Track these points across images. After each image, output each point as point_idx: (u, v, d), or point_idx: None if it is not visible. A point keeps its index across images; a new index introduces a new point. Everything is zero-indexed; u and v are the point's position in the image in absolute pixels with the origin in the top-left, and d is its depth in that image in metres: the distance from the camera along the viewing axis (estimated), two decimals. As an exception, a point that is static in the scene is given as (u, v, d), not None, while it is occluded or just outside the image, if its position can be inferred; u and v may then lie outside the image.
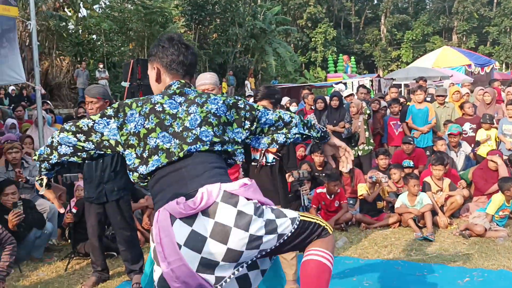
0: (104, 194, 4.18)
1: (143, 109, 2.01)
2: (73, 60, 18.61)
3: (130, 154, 2.02)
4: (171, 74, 2.15)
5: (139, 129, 1.99)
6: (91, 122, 2.02)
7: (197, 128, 2.00)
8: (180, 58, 2.14)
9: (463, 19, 40.16)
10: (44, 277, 4.66)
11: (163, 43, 2.15)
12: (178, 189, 1.92)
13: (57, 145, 2.06)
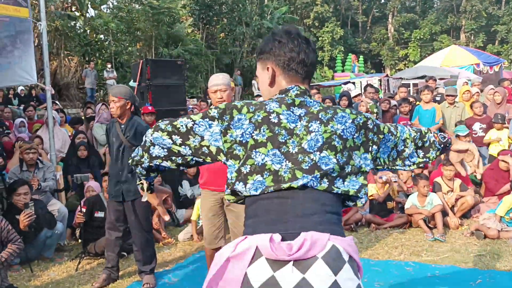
0: (121, 193, 4.24)
1: (255, 116, 1.65)
2: (81, 60, 18.70)
3: (233, 166, 1.66)
4: (288, 76, 1.75)
5: (247, 139, 1.63)
6: (191, 123, 1.68)
7: (317, 153, 1.62)
8: (301, 56, 1.73)
9: (471, 17, 39.88)
10: (55, 277, 4.69)
11: (280, 38, 1.75)
12: (275, 223, 1.58)
13: (150, 146, 1.73)
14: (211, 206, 3.79)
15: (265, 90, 1.82)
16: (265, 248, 1.52)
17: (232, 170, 1.67)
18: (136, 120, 4.25)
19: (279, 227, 1.57)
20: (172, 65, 7.25)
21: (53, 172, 6.00)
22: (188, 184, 6.81)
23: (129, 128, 4.19)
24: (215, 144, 1.67)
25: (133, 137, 4.16)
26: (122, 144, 4.18)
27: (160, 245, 5.56)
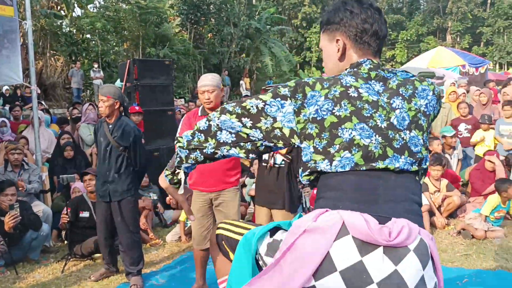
0: (108, 194, 4.23)
1: (331, 91, 1.50)
2: (67, 60, 18.51)
3: (307, 147, 1.51)
4: (360, 49, 1.61)
5: (323, 115, 1.48)
6: (261, 103, 1.53)
7: (407, 131, 1.50)
8: (374, 27, 1.59)
9: (457, 19, 40.33)
10: (41, 279, 4.62)
11: (351, 7, 1.61)
12: (365, 202, 1.43)
13: (216, 130, 1.58)
14: (200, 207, 3.78)
15: (333, 64, 1.68)
16: (356, 227, 1.35)
17: (307, 153, 1.52)
18: (124, 120, 4.23)
19: (369, 207, 1.42)
20: (160, 65, 7.19)
21: (38, 174, 5.93)
22: (176, 184, 6.77)
23: (117, 128, 4.17)
24: (289, 125, 1.53)
25: (120, 137, 4.14)
26: (110, 144, 4.16)
27: (148, 246, 5.53)
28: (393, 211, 1.43)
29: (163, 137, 7.02)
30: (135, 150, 4.20)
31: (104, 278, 4.51)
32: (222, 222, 1.99)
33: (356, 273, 1.34)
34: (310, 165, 1.51)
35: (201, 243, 3.89)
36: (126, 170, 4.19)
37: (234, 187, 3.81)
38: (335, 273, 1.35)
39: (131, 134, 4.16)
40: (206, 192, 3.73)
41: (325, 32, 1.68)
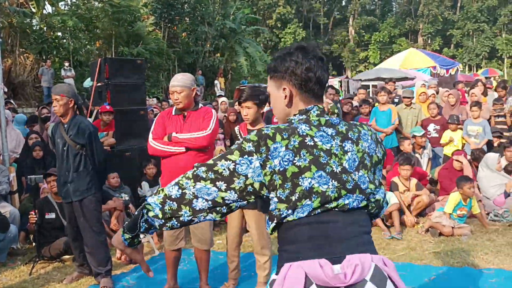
0: (69, 194, 4.19)
1: (291, 142, 1.60)
2: (37, 58, 18.12)
3: (273, 198, 1.60)
4: (305, 96, 1.71)
5: (285, 166, 1.57)
6: (232, 164, 1.58)
7: (356, 172, 1.63)
8: (317, 75, 1.69)
9: (428, 21, 41.17)
10: (8, 282, 4.53)
11: (296, 58, 1.69)
12: (319, 248, 1.56)
13: (192, 199, 1.59)
14: None
15: (280, 109, 1.78)
16: (317, 276, 1.51)
17: (272, 202, 1.61)
18: (78, 118, 4.22)
19: (324, 251, 1.56)
20: (132, 64, 7.10)
21: (7, 176, 5.79)
22: (148, 185, 6.71)
23: (72, 127, 4.15)
24: (258, 179, 1.59)
25: (75, 135, 4.12)
26: (66, 143, 4.12)
27: (119, 247, 5.46)
28: (346, 249, 1.56)
29: (135, 137, 6.93)
30: (92, 147, 4.17)
31: (75, 280, 4.45)
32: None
33: None
34: (275, 213, 1.60)
35: (172, 244, 3.87)
36: (85, 169, 4.15)
37: None
38: None
39: (86, 131, 4.13)
40: None
41: (272, 79, 1.78)
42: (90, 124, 4.31)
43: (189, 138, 3.68)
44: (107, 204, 5.64)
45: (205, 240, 3.87)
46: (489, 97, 9.24)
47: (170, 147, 3.69)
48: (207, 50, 24.03)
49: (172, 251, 3.91)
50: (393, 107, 8.01)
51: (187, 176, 1.62)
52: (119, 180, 6.35)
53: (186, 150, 3.68)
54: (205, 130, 3.70)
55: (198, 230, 3.81)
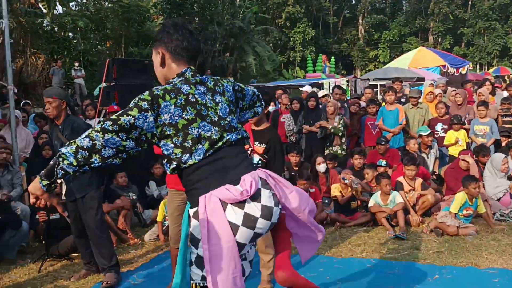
0: (72, 192, 4.27)
1: (178, 100, 2.05)
2: (48, 58, 18.32)
3: (166, 144, 2.05)
4: (176, 59, 2.20)
5: (176, 120, 2.03)
6: (132, 119, 1.95)
7: (229, 116, 2.18)
8: (184, 43, 2.19)
9: (439, 20, 40.79)
10: (17, 279, 4.61)
11: (168, 29, 2.21)
12: (221, 178, 2.05)
13: (101, 148, 1.94)
14: (177, 206, 3.85)
15: (158, 70, 2.26)
16: (228, 198, 2.00)
17: (167, 147, 2.05)
18: (71, 118, 4.33)
19: (225, 179, 2.05)
20: (139, 65, 7.21)
21: (20, 178, 5.91)
22: (155, 184, 6.79)
23: (66, 126, 4.25)
24: (151, 130, 2.01)
25: (71, 135, 4.20)
26: (63, 144, 4.19)
27: (126, 245, 5.54)
28: (239, 172, 2.08)
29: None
30: None
31: (83, 278, 4.53)
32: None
33: (248, 219, 2.03)
34: (173, 156, 2.06)
35: (177, 242, 3.92)
36: None
37: None
38: (241, 227, 2.02)
39: (80, 129, 4.19)
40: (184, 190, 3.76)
41: (153, 48, 2.27)
42: (83, 122, 4.47)
43: None
44: (114, 203, 5.72)
45: None
46: (497, 96, 9.19)
47: None
48: (216, 49, 24.08)
49: (177, 249, 3.95)
50: (400, 106, 8.00)
51: (96, 129, 1.94)
52: (126, 180, 6.43)
53: None
54: None
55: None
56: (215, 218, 2.00)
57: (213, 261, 2.00)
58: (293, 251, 2.46)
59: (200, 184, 2.06)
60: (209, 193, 2.02)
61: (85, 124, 4.42)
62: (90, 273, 4.58)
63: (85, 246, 4.51)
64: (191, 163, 2.03)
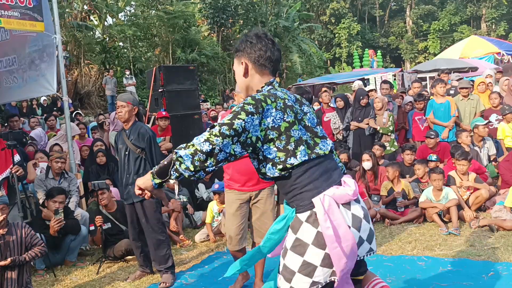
0: (130, 196, 4.46)
1: (278, 104, 2.07)
2: (100, 68, 19.06)
3: (269, 148, 2.06)
4: (260, 69, 2.23)
5: (279, 123, 2.05)
6: (243, 123, 1.96)
7: (317, 127, 2.22)
8: (267, 53, 2.21)
9: (491, 6, 39.09)
10: (77, 281, 4.86)
11: (251, 39, 2.22)
12: (328, 179, 2.12)
13: (218, 152, 1.93)
14: (240, 205, 3.91)
15: (240, 79, 2.29)
16: (342, 197, 2.08)
17: (269, 151, 2.07)
18: (139, 124, 4.53)
19: (331, 180, 2.12)
20: (185, 71, 7.38)
21: (76, 185, 6.21)
22: (204, 187, 6.94)
23: (133, 132, 4.46)
24: (255, 134, 2.02)
25: (136, 139, 4.41)
26: (128, 148, 4.41)
27: (178, 247, 5.70)
28: (339, 175, 2.18)
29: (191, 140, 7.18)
30: (151, 150, 4.45)
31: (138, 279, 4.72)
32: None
33: (355, 220, 2.11)
34: (277, 160, 2.07)
35: (237, 244, 3.96)
36: (145, 171, 4.40)
37: (271, 186, 3.98)
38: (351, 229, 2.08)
39: (145, 135, 4.42)
40: (247, 191, 3.88)
41: (235, 58, 2.29)
42: (149, 129, 4.61)
43: None
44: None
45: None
46: (556, 83, 8.70)
47: None
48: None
49: (237, 252, 4.02)
50: (451, 98, 7.74)
51: (214, 134, 1.93)
52: (177, 182, 6.61)
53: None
54: None
55: (263, 227, 3.93)
56: (334, 218, 2.03)
57: (337, 262, 2.03)
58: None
59: (312, 186, 2.08)
60: (322, 194, 2.06)
61: (151, 131, 4.59)
62: (145, 274, 4.76)
63: (139, 249, 4.69)
64: (297, 163, 2.06)
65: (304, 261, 2.06)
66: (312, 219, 2.05)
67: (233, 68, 2.34)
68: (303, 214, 2.08)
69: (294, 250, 2.08)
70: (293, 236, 2.10)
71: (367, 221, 2.15)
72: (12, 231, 4.19)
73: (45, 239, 4.82)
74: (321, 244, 2.04)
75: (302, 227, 2.06)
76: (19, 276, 4.10)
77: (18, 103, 13.37)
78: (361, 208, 2.14)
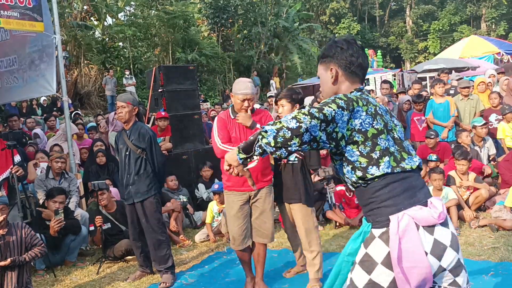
0: (130, 196, 4.46)
1: (369, 108, 1.95)
2: (100, 68, 19.06)
3: (351, 150, 1.94)
4: (350, 77, 2.10)
5: (366, 127, 1.92)
6: (333, 112, 1.85)
7: (405, 141, 2.06)
8: (359, 60, 2.08)
9: (491, 6, 39.08)
10: (77, 281, 4.86)
11: (341, 45, 2.10)
12: (411, 197, 1.93)
13: (304, 132, 1.80)
14: (240, 205, 3.92)
15: (327, 86, 2.14)
16: (424, 219, 1.88)
17: (352, 154, 1.95)
18: (139, 124, 4.53)
19: (414, 199, 1.93)
20: (184, 71, 7.37)
21: (76, 185, 6.21)
22: (204, 187, 6.94)
23: (133, 132, 4.46)
24: (342, 131, 1.90)
25: (137, 140, 4.42)
26: (128, 148, 4.41)
27: (178, 247, 5.70)
28: (425, 195, 1.97)
29: (191, 140, 7.20)
30: (151, 150, 4.46)
31: (138, 279, 4.72)
32: None
33: (437, 247, 1.88)
34: (357, 165, 1.95)
35: (241, 244, 3.97)
36: (145, 171, 4.42)
37: (269, 185, 3.99)
38: (429, 255, 1.87)
39: (146, 135, 4.43)
40: (246, 191, 3.89)
41: (321, 64, 2.16)
42: (149, 129, 4.62)
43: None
44: (165, 206, 5.90)
45: (267, 234, 3.98)
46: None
47: None
48: (262, 50, 24.19)
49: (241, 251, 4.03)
50: (450, 98, 7.74)
51: (303, 113, 1.82)
52: (177, 183, 6.62)
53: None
54: None
55: (262, 226, 3.95)
56: (408, 240, 1.86)
57: (401, 287, 1.88)
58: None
59: (391, 202, 1.92)
60: (402, 212, 1.89)
61: (151, 131, 4.60)
62: (145, 274, 4.76)
63: (140, 249, 4.69)
64: (379, 174, 1.92)
65: (370, 280, 1.93)
66: (385, 236, 1.91)
67: (318, 75, 2.20)
68: (378, 230, 1.95)
69: (362, 266, 1.95)
70: (364, 251, 1.97)
71: (455, 250, 1.91)
72: (12, 232, 4.19)
73: (45, 239, 4.82)
74: (391, 265, 1.89)
75: (374, 242, 1.94)
76: (19, 276, 4.10)
77: (18, 103, 13.38)
78: (449, 234, 1.90)
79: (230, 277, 4.62)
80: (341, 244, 5.24)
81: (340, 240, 5.42)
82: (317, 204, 6.20)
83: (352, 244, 2.04)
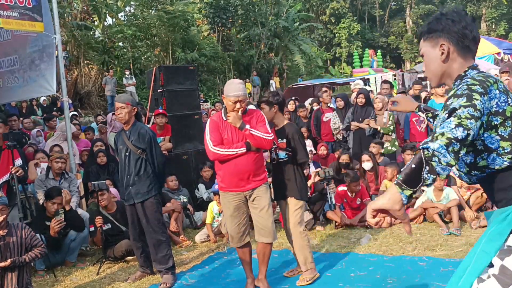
0: (131, 196, 4.45)
1: (499, 85, 1.72)
2: (100, 68, 19.05)
3: (490, 136, 1.70)
4: (463, 53, 1.83)
5: (503, 107, 1.69)
6: (481, 103, 1.61)
7: None
8: (473, 33, 1.82)
9: (491, 6, 39.09)
10: (78, 281, 4.85)
11: (452, 16, 1.83)
12: None
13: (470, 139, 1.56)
14: (236, 205, 3.95)
15: (437, 66, 1.88)
16: None
17: (492, 140, 1.70)
18: (139, 125, 4.53)
19: None
20: (185, 71, 7.36)
21: (77, 185, 6.20)
22: (204, 187, 6.93)
23: (133, 133, 4.45)
24: (483, 118, 1.64)
25: (137, 140, 4.41)
26: (128, 149, 4.40)
27: (178, 247, 5.69)
28: None
29: (191, 140, 7.20)
30: (151, 151, 4.45)
31: (138, 279, 4.71)
32: None
33: None
34: (501, 151, 1.70)
35: (239, 241, 4.02)
36: (145, 172, 4.41)
37: (265, 183, 4.01)
38: None
39: (146, 135, 4.43)
40: (241, 191, 3.91)
41: (426, 40, 1.90)
42: (149, 129, 4.62)
43: (259, 137, 3.82)
44: (165, 206, 5.89)
45: (269, 232, 3.99)
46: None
47: (232, 150, 3.82)
48: (262, 50, 24.19)
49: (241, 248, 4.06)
50: (450, 98, 7.71)
51: (465, 117, 1.56)
52: (177, 183, 6.61)
53: (246, 151, 3.83)
54: (268, 134, 3.87)
55: (262, 224, 3.95)
56: None
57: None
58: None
59: None
60: None
61: (151, 131, 4.60)
62: (145, 275, 4.75)
63: (140, 249, 4.69)
64: None
65: None
66: None
67: (422, 53, 1.94)
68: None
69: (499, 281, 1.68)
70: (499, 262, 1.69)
71: None
72: (12, 232, 4.18)
73: (45, 240, 4.81)
74: None
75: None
76: (19, 277, 4.09)
77: (18, 103, 13.36)
78: None
79: (230, 277, 4.61)
80: (341, 244, 5.24)
81: (340, 240, 5.41)
82: (317, 204, 6.21)
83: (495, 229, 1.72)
